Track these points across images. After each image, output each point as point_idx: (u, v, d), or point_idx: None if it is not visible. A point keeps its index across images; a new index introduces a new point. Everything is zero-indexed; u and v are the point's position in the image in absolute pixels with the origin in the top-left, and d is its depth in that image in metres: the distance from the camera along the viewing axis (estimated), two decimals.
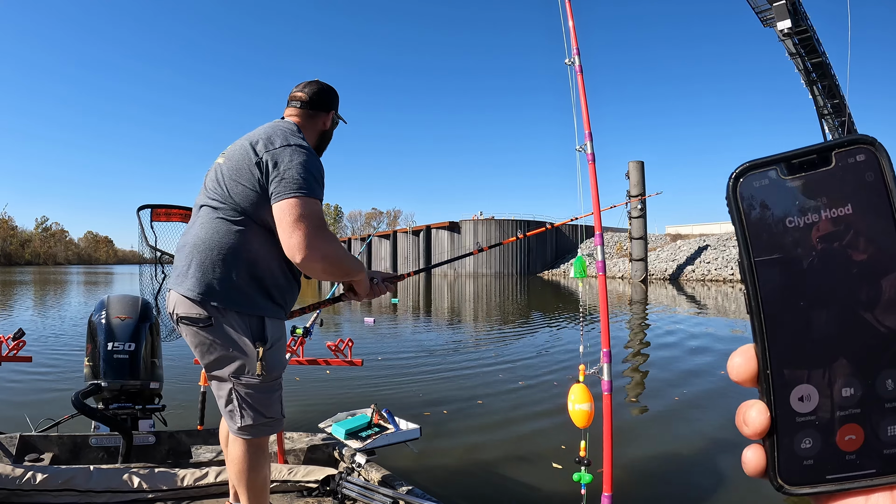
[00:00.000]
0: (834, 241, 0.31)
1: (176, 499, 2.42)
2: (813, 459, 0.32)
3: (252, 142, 1.79)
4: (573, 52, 2.16)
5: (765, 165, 0.33)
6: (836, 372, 0.31)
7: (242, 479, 1.84)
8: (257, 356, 1.75)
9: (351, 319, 14.30)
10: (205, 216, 1.80)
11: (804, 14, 32.99)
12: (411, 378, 6.76)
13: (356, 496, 2.41)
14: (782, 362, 0.32)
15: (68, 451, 2.78)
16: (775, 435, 0.32)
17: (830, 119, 36.84)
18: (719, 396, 5.96)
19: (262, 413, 1.80)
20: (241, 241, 1.75)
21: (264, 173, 1.72)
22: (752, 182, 0.33)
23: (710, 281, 33.93)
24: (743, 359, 0.34)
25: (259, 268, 1.76)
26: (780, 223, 0.32)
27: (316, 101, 1.99)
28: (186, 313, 1.74)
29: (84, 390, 2.71)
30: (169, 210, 3.08)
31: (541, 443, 4.48)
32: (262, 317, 1.78)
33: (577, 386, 2.06)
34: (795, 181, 0.32)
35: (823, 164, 0.32)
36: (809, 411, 0.32)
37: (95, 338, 2.91)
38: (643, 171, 37.39)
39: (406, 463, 3.61)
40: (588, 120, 2.13)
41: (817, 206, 0.32)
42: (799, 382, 0.32)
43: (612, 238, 50.65)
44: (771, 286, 0.32)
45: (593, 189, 2.10)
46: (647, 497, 3.63)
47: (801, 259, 0.32)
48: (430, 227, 58.84)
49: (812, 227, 0.32)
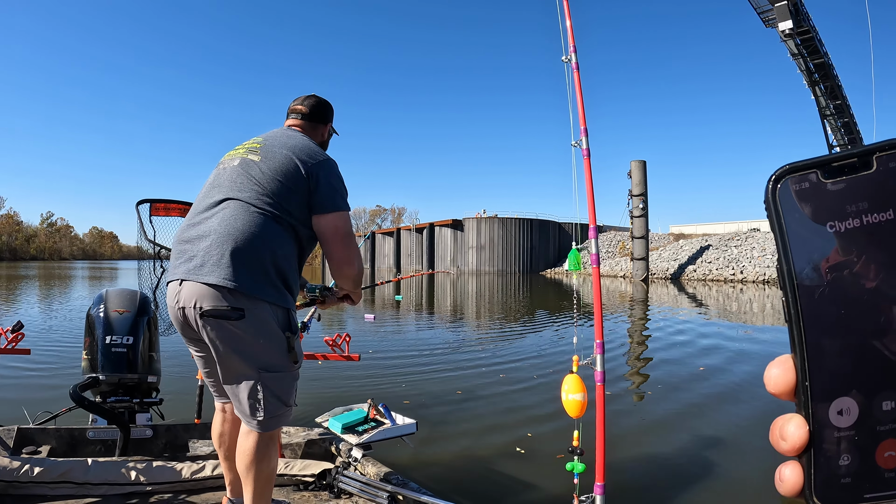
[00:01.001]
0: (877, 247, 0.30)
1: (173, 492, 2.42)
2: (851, 477, 0.30)
3: (293, 150, 1.89)
4: (570, 49, 2.20)
5: (804, 169, 0.32)
6: (878, 385, 0.30)
7: (253, 470, 1.85)
8: (288, 345, 1.81)
9: (352, 315, 14.33)
10: (235, 209, 1.80)
11: (806, 15, 32.89)
12: (409, 374, 6.79)
13: (352, 490, 2.43)
14: (822, 374, 0.31)
15: (66, 444, 2.78)
16: (812, 450, 0.31)
17: (833, 120, 36.77)
18: (716, 392, 6.00)
19: (284, 402, 1.85)
20: (277, 236, 1.80)
21: (314, 182, 1.85)
22: (791, 185, 0.32)
23: (711, 281, 33.88)
24: (781, 370, 0.32)
25: (288, 264, 1.84)
26: (820, 228, 0.31)
27: (316, 113, 2.13)
28: (215, 306, 1.70)
29: (82, 383, 2.71)
30: (168, 204, 3.07)
31: (535, 436, 4.52)
32: (288, 309, 1.84)
33: (570, 376, 2.09)
34: (836, 185, 0.31)
35: (864, 168, 0.31)
36: (849, 426, 0.30)
37: (94, 331, 2.92)
38: (645, 171, 37.35)
39: (402, 458, 3.63)
40: (584, 116, 2.16)
41: (859, 211, 0.31)
42: (839, 395, 0.31)
43: (616, 237, 50.61)
44: (811, 293, 0.31)
45: (588, 184, 2.14)
46: (639, 486, 3.68)
47: (843, 265, 0.31)
48: (434, 225, 58.85)
49: (854, 232, 0.31)
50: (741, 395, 5.98)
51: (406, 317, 14.61)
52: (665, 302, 19.88)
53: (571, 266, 2.16)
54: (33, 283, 27.75)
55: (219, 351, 1.78)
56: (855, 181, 0.31)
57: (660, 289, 27.63)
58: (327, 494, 2.48)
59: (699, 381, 6.72)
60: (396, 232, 64.29)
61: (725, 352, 8.80)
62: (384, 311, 16.00)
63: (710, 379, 6.82)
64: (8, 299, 17.44)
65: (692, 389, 6.29)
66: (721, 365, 7.68)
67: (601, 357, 2.08)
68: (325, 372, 6.37)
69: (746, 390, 6.13)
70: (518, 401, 5.65)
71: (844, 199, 0.31)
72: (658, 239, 47.76)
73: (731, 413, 5.35)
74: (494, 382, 6.46)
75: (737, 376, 6.87)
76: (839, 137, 37.56)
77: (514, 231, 53.58)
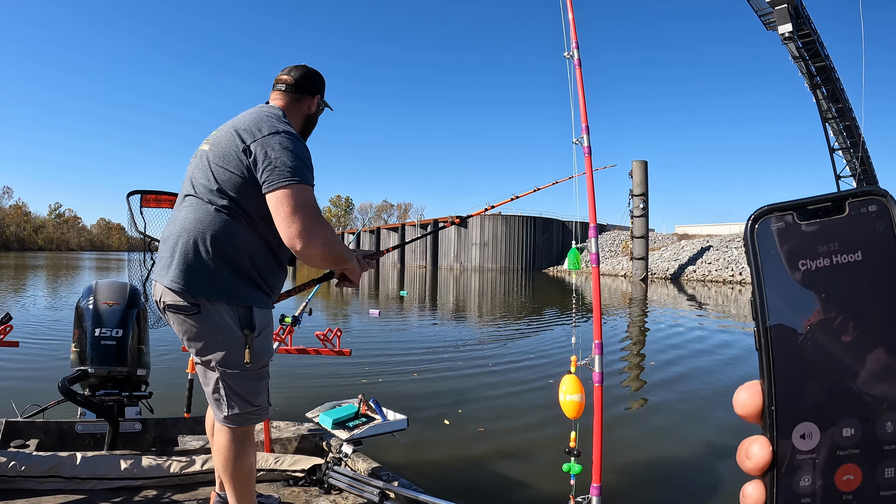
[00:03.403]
0: (844, 286, 0.32)
1: (163, 487, 2.40)
2: (811, 498, 0.32)
3: (238, 128, 1.77)
4: (572, 45, 2.18)
5: (782, 210, 0.34)
6: (839, 412, 0.32)
7: (228, 467, 1.83)
8: (245, 343, 1.75)
9: (357, 311, 14.35)
10: (190, 205, 1.78)
11: (807, 18, 32.72)
12: (403, 371, 6.78)
13: (343, 486, 2.42)
14: (787, 399, 0.33)
15: (54, 438, 2.75)
16: (775, 471, 0.33)
17: (835, 123, 36.62)
18: (713, 395, 5.96)
19: (248, 401, 1.80)
20: (229, 230, 1.73)
21: (253, 161, 1.71)
22: (768, 225, 0.34)
23: (710, 281, 33.81)
24: (749, 394, 0.35)
25: (246, 257, 1.76)
26: (793, 265, 0.33)
27: (301, 84, 1.97)
28: (174, 301, 1.73)
29: (71, 376, 2.67)
30: (159, 196, 3.05)
31: (531, 436, 4.51)
32: (250, 306, 1.78)
33: (568, 377, 2.07)
34: (810, 227, 0.33)
35: (837, 212, 0.33)
36: (810, 449, 0.32)
37: (83, 323, 2.87)
38: (646, 171, 37.24)
39: (393, 454, 3.62)
40: (585, 113, 2.14)
41: (829, 251, 0.33)
42: (802, 420, 0.32)
43: (619, 236, 50.55)
44: (780, 325, 0.33)
45: (588, 182, 2.12)
46: (635, 488, 3.67)
47: (811, 300, 0.33)
48: (438, 221, 58.87)
49: (824, 271, 0.33)
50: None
51: (409, 312, 14.62)
52: (665, 303, 19.85)
53: (571, 265, 2.14)
54: (38, 274, 27.87)
55: (185, 343, 1.80)
56: (828, 224, 0.33)
57: (659, 289, 27.60)
58: (317, 490, 2.47)
59: (698, 382, 6.72)
60: (401, 228, 64.41)
61: (722, 352, 8.78)
62: (389, 306, 16.02)
63: (708, 380, 6.81)
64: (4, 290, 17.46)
65: (691, 391, 6.28)
66: (717, 366, 7.67)
67: (599, 357, 2.06)
68: (315, 367, 6.35)
69: None
70: (515, 401, 5.64)
71: (817, 240, 0.33)
72: (662, 239, 47.67)
73: (730, 416, 5.34)
74: (492, 381, 6.45)
75: (734, 378, 6.85)
76: (841, 141, 37.38)
77: (517, 229, 53.55)
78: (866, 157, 37.84)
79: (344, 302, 16.55)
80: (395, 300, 18.12)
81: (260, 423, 1.95)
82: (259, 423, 1.90)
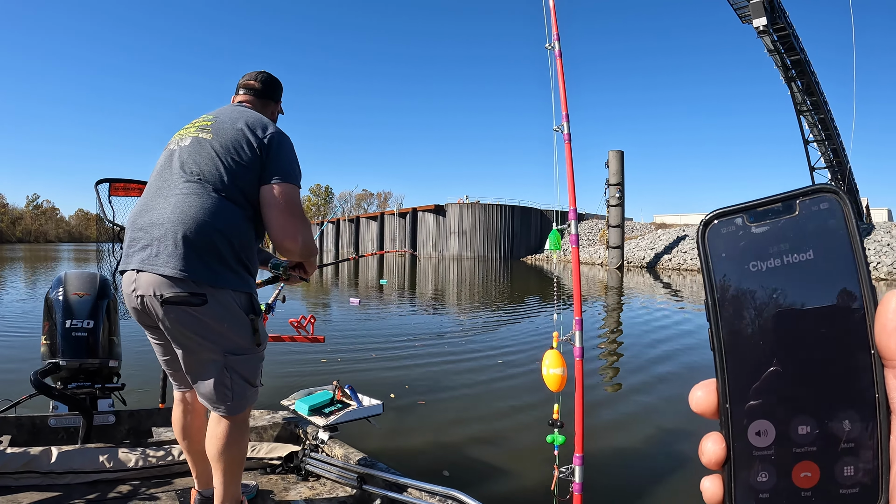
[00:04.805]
0: (794, 285, 0.33)
1: (140, 479, 2.39)
2: (769, 493, 0.32)
3: (245, 123, 1.83)
4: (553, 37, 2.27)
5: (732, 213, 0.35)
6: (794, 409, 0.32)
7: (225, 455, 1.83)
8: (252, 327, 1.80)
9: (336, 300, 14.36)
10: (191, 192, 1.74)
11: (781, 11, 32.98)
12: (382, 359, 6.81)
13: (320, 472, 2.43)
14: (741, 398, 0.33)
15: (27, 433, 2.70)
16: (732, 467, 0.33)
17: (809, 116, 37.26)
18: (689, 374, 6.16)
19: (251, 383, 1.85)
20: (235, 220, 1.76)
21: (266, 155, 1.80)
22: (719, 229, 0.35)
23: (685, 270, 34.43)
24: (704, 392, 0.35)
25: (242, 246, 1.78)
26: (743, 268, 0.34)
27: (268, 91, 2.09)
28: (175, 294, 1.66)
29: (42, 369, 2.63)
30: (128, 184, 2.98)
31: (515, 418, 4.65)
32: (250, 293, 1.82)
33: (550, 352, 2.14)
34: (760, 227, 0.34)
35: (788, 212, 0.33)
36: (766, 446, 0.33)
37: (53, 315, 2.81)
38: (622, 161, 37.71)
39: (370, 441, 3.64)
40: (566, 102, 2.23)
41: (780, 252, 0.33)
42: (757, 418, 0.33)
43: (597, 225, 51.09)
44: (732, 326, 0.34)
45: (568, 167, 2.22)
46: (617, 457, 3.91)
47: (761, 302, 0.33)
48: (417, 210, 58.77)
49: (775, 272, 0.33)
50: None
51: (389, 301, 14.67)
52: (642, 291, 20.18)
53: (552, 246, 2.22)
54: (14, 266, 27.12)
55: (182, 338, 1.74)
56: (778, 224, 0.33)
57: (635, 277, 28.05)
58: (295, 477, 2.48)
59: (674, 364, 6.93)
60: (380, 217, 64.10)
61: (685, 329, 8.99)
62: (369, 294, 16.05)
63: (684, 361, 7.05)
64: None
65: (669, 372, 6.52)
66: (688, 346, 7.92)
67: (580, 333, 2.13)
68: (290, 355, 6.33)
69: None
70: (496, 384, 5.77)
71: (768, 241, 0.33)
72: (640, 228, 48.30)
73: None
74: (473, 367, 6.55)
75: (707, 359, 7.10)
76: (816, 133, 38.04)
77: (495, 217, 53.73)
78: (841, 149, 38.67)
79: (324, 291, 16.54)
80: (374, 289, 18.16)
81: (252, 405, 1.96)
82: (252, 404, 1.92)
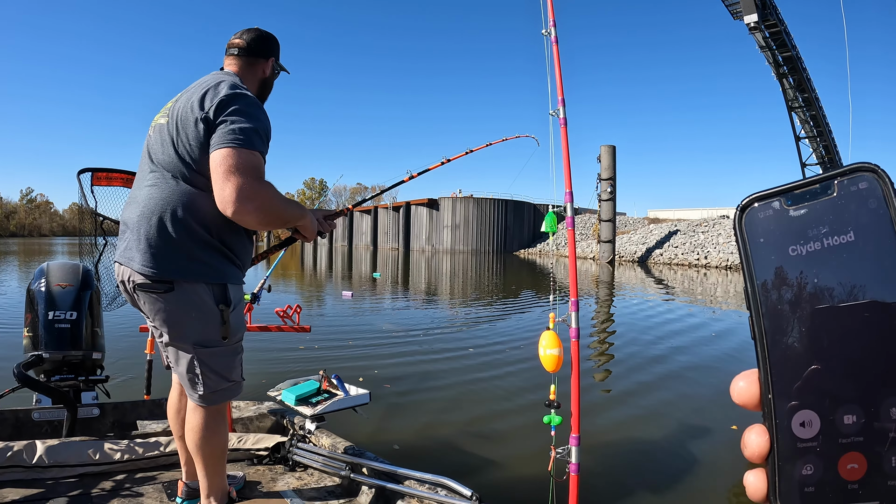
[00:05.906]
0: (836, 268, 0.31)
1: (126, 471, 2.37)
2: (814, 486, 0.31)
3: (196, 96, 1.69)
4: (549, 23, 2.31)
5: (769, 197, 0.34)
6: (839, 399, 0.31)
7: (202, 447, 1.80)
8: (221, 319, 1.73)
9: (329, 294, 14.36)
10: (153, 182, 1.70)
11: (773, 8, 33.05)
12: (373, 350, 6.83)
13: (308, 462, 2.42)
14: (784, 388, 0.32)
15: (10, 427, 2.65)
16: (776, 459, 0.32)
17: (801, 112, 37.45)
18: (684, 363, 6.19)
19: (224, 377, 1.79)
20: (195, 204, 1.67)
21: (212, 127, 1.65)
22: (756, 213, 0.34)
23: (676, 265, 34.61)
24: (746, 383, 0.34)
25: (216, 232, 1.70)
26: (783, 252, 0.33)
27: (255, 47, 1.91)
28: (144, 281, 1.67)
29: (25, 362, 2.59)
30: (110, 174, 2.95)
31: (507, 405, 4.69)
32: (224, 283, 1.75)
33: (547, 332, 2.14)
34: (799, 210, 0.33)
35: (826, 193, 0.32)
36: (811, 437, 0.32)
37: (35, 307, 2.77)
38: (614, 155, 37.90)
39: (358, 431, 3.63)
40: (562, 87, 2.26)
41: (819, 235, 0.32)
42: (801, 408, 0.32)
43: (590, 220, 51.30)
44: (774, 313, 0.33)
45: (564, 151, 2.25)
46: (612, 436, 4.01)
47: (803, 287, 0.32)
48: (410, 204, 58.70)
49: (815, 255, 0.32)
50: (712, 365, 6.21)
51: (383, 293, 14.69)
52: (634, 286, 20.31)
53: (548, 227, 2.23)
54: (7, 260, 26.86)
55: (157, 323, 1.74)
56: (816, 206, 0.33)
57: (627, 271, 28.20)
58: (282, 468, 2.47)
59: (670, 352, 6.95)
60: (374, 210, 63.97)
61: (677, 323, 9.05)
62: (362, 287, 16.06)
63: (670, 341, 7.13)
64: None
65: (658, 356, 6.57)
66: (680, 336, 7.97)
67: (576, 314, 2.13)
68: (275, 346, 6.31)
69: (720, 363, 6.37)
70: (488, 373, 5.82)
71: (806, 224, 0.33)
72: (633, 223, 48.50)
73: (700, 376, 5.61)
74: (463, 357, 6.59)
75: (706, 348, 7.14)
76: (808, 129, 38.24)
77: (488, 211, 53.81)
78: (833, 145, 38.88)
79: (317, 284, 16.53)
80: (367, 282, 18.19)
81: (235, 398, 1.93)
82: (234, 398, 1.89)
